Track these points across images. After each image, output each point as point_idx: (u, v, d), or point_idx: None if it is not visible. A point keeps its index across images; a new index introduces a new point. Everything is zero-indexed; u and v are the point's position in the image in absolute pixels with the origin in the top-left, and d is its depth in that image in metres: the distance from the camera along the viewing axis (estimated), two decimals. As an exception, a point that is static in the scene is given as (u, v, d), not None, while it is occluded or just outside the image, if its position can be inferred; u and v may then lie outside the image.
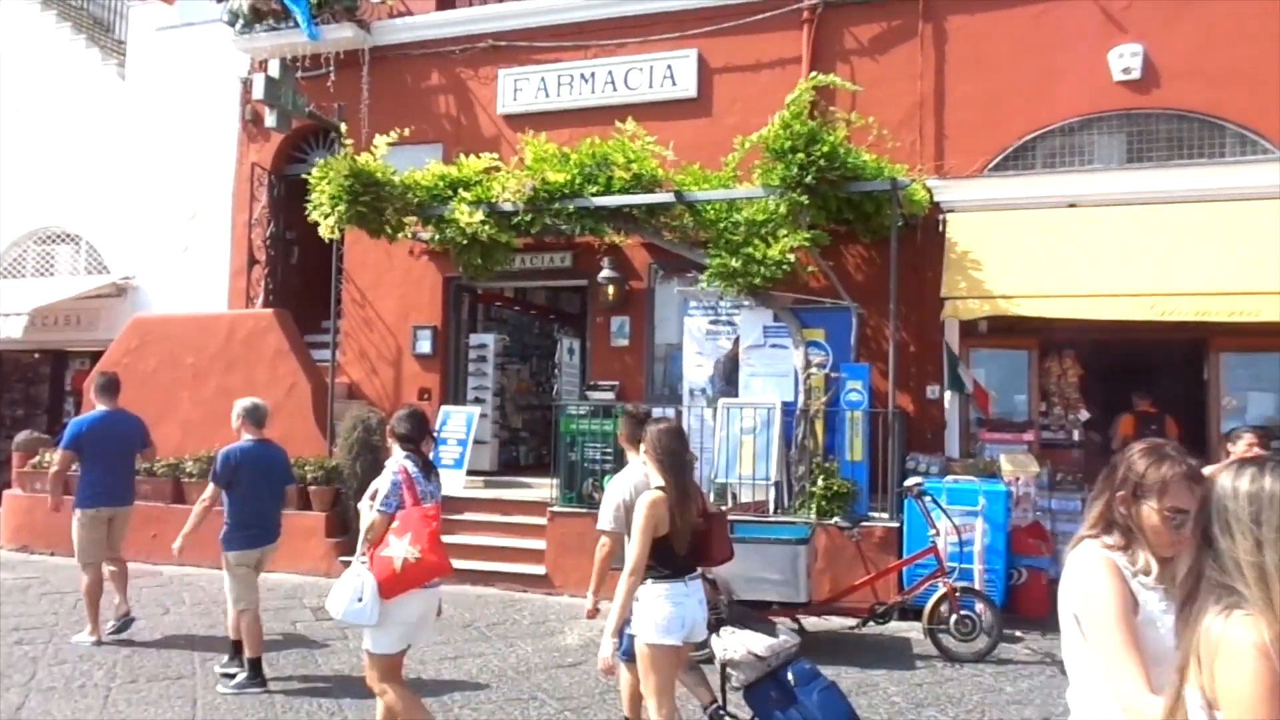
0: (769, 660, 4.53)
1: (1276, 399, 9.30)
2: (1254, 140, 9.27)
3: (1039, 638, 7.66)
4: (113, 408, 7.60)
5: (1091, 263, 8.69)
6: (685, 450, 4.43)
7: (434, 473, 4.92)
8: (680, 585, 4.26)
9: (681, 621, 4.22)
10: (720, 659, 4.72)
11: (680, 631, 4.23)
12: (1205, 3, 9.39)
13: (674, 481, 4.27)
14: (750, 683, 4.58)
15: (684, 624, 4.23)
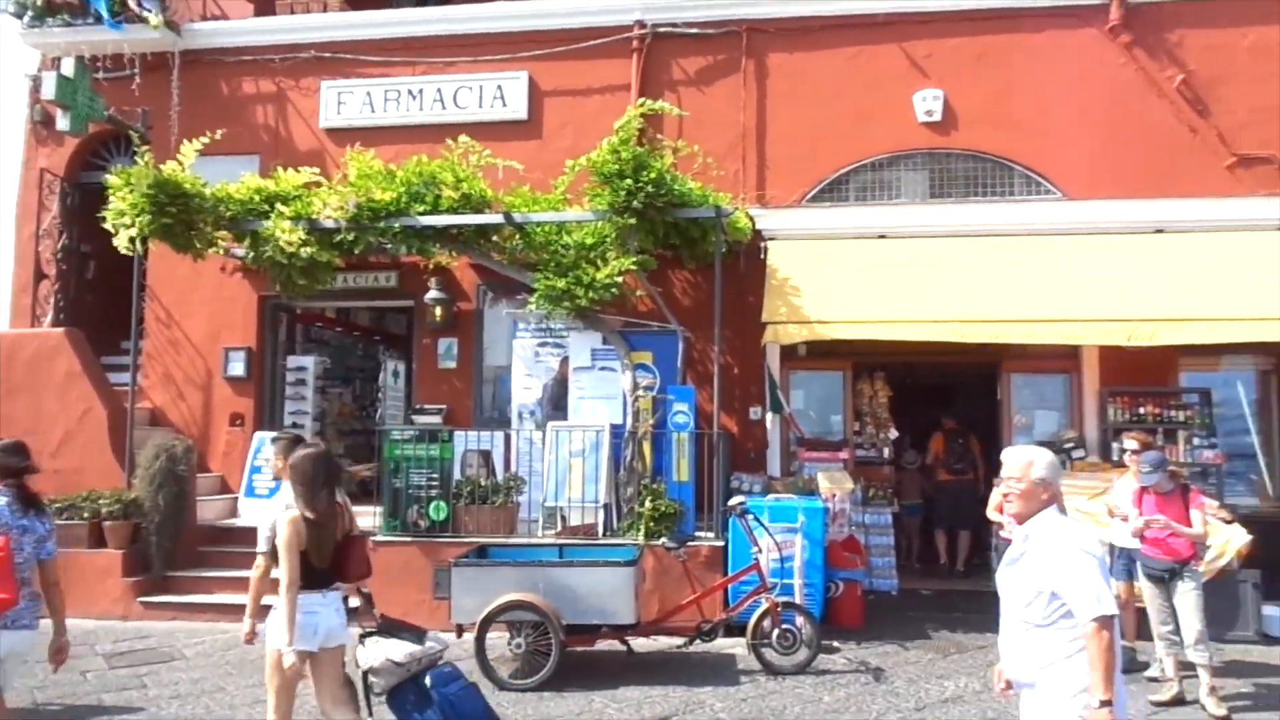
0: (408, 666, 4.93)
1: (1059, 416, 10.15)
2: (1039, 182, 10.14)
3: (854, 647, 8.01)
4: None
5: (900, 290, 9.25)
6: (326, 473, 4.82)
7: (36, 507, 4.83)
8: (316, 596, 4.70)
9: (314, 629, 4.66)
10: (361, 668, 5.00)
11: (313, 639, 4.66)
12: (997, 56, 10.22)
13: (311, 502, 4.69)
14: (391, 688, 4.94)
15: (316, 631, 4.67)
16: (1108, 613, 3.25)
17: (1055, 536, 3.41)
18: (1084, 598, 3.28)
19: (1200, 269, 9.10)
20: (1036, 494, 3.50)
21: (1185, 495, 6.74)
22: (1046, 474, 3.50)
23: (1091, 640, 3.25)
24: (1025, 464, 3.52)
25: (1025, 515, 3.52)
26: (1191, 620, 6.54)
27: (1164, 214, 9.71)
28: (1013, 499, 3.55)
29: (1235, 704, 6.58)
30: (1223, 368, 9.94)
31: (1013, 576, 3.54)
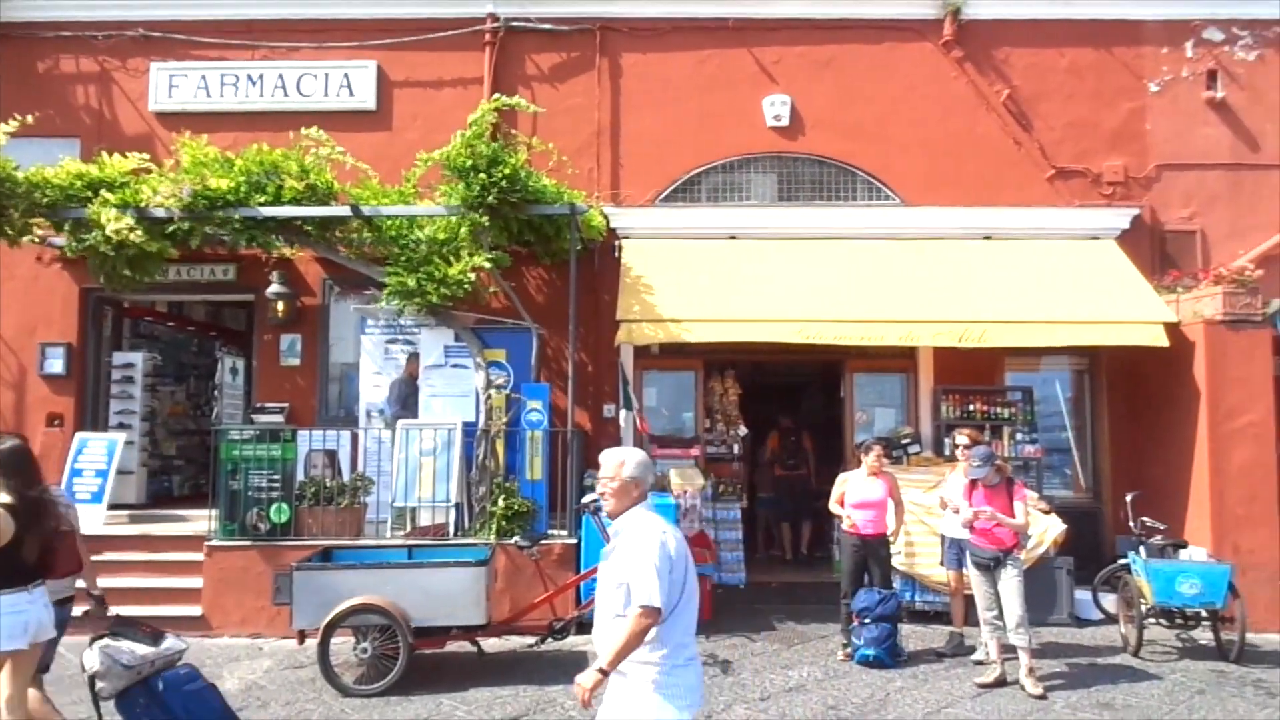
0: (138, 669, 4.93)
1: (896, 413, 10.63)
2: (880, 188, 10.58)
3: (704, 640, 8.15)
4: None
5: (749, 290, 9.47)
6: (29, 468, 4.92)
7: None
8: (24, 594, 4.74)
9: (23, 627, 4.70)
10: (87, 672, 4.97)
11: (22, 636, 4.69)
12: (842, 65, 10.61)
13: (17, 497, 4.72)
14: (119, 691, 4.93)
15: (25, 629, 4.71)
16: (653, 605, 3.46)
17: (638, 531, 3.63)
18: (640, 587, 3.49)
19: (1025, 275, 9.72)
20: (628, 491, 3.71)
21: (1010, 488, 7.18)
22: (637, 472, 3.72)
23: (632, 622, 3.47)
24: (618, 463, 3.74)
25: (618, 511, 3.74)
26: (1013, 605, 6.96)
27: (992, 221, 10.33)
28: (608, 496, 3.75)
29: (1051, 683, 7.06)
30: (1043, 368, 10.64)
31: (605, 568, 3.75)
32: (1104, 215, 10.32)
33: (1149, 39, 10.55)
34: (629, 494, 3.71)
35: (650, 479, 3.79)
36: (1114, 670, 7.49)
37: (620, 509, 3.72)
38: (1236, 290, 8.95)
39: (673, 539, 3.62)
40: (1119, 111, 10.49)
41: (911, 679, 7.23)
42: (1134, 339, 9.00)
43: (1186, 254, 10.24)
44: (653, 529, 3.62)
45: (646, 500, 3.76)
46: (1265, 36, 10.48)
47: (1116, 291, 9.45)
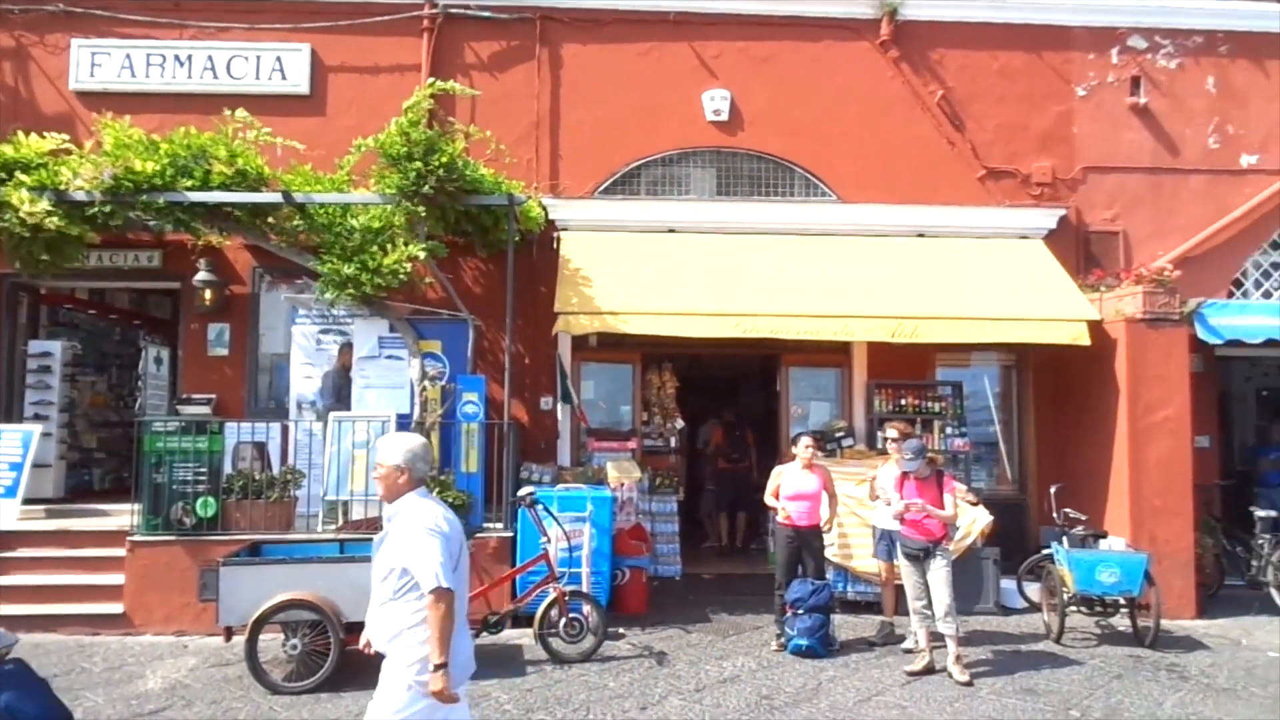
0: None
1: (831, 407, 10.77)
2: (817, 184, 10.70)
3: (640, 632, 8.18)
4: None
5: (688, 284, 9.50)
6: None
7: None
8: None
9: None
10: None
11: None
12: (781, 61, 10.69)
13: None
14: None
15: None
16: (444, 586, 3.58)
17: (409, 517, 3.74)
18: (424, 572, 3.61)
19: (956, 272, 9.93)
20: (395, 478, 3.83)
21: (940, 480, 7.32)
22: (403, 460, 3.83)
23: (431, 610, 3.61)
24: (389, 451, 3.85)
25: (390, 497, 3.86)
26: (942, 594, 7.11)
27: (926, 219, 10.53)
28: (378, 482, 3.88)
29: (977, 670, 7.23)
30: (973, 363, 10.88)
31: (379, 554, 3.84)
32: (1032, 215, 10.58)
33: (1077, 45, 10.83)
34: (396, 481, 3.81)
35: (423, 466, 3.88)
36: (1037, 657, 7.70)
37: (392, 495, 3.83)
38: (1156, 290, 9.26)
39: (445, 522, 3.74)
40: (1048, 114, 10.76)
41: (843, 668, 7.35)
42: (1059, 336, 9.24)
43: (1110, 254, 10.55)
44: (427, 514, 3.72)
45: (421, 487, 3.86)
46: (1186, 46, 10.83)
47: (1043, 290, 9.70)
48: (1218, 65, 10.84)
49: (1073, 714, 6.32)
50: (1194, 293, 9.83)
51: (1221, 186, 10.69)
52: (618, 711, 6.26)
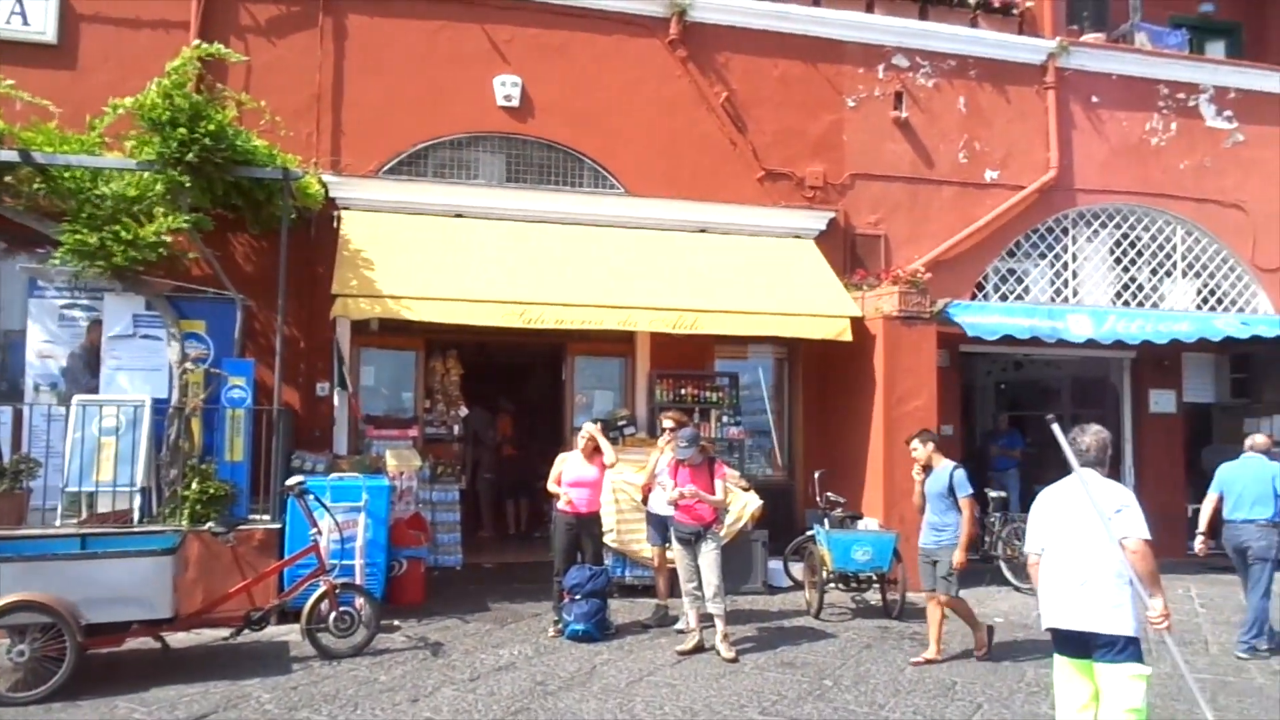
0: None
1: (615, 396, 10.98)
2: (605, 176, 10.84)
3: (415, 624, 8.03)
4: None
5: (474, 271, 9.39)
6: None
7: None
8: None
9: None
10: None
11: None
12: (573, 52, 10.73)
13: None
14: None
15: None
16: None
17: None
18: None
19: (735, 268, 10.36)
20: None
21: (712, 467, 7.63)
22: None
23: None
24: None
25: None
26: (711, 576, 7.42)
27: (708, 216, 10.90)
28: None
29: (743, 647, 7.60)
30: (750, 355, 11.40)
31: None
32: (805, 216, 11.19)
33: (849, 59, 11.55)
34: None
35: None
36: (798, 632, 8.20)
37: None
38: (910, 290, 10.06)
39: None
40: (821, 122, 11.41)
41: (618, 650, 7.52)
42: (825, 331, 9.86)
43: (873, 255, 11.34)
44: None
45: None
46: (941, 68, 11.80)
47: (813, 287, 10.31)
48: (968, 87, 11.88)
49: (826, 683, 6.76)
50: (944, 294, 10.74)
51: (968, 198, 11.73)
52: (388, 705, 6.11)
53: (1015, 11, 12.11)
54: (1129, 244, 12.41)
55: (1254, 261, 12.71)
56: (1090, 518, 4.45)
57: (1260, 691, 6.84)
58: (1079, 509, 4.52)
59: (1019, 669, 7.22)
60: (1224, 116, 12.77)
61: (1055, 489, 4.78)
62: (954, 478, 7.36)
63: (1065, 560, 4.51)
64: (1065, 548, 4.54)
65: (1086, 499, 4.48)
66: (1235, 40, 14.33)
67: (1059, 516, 4.63)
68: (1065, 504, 4.64)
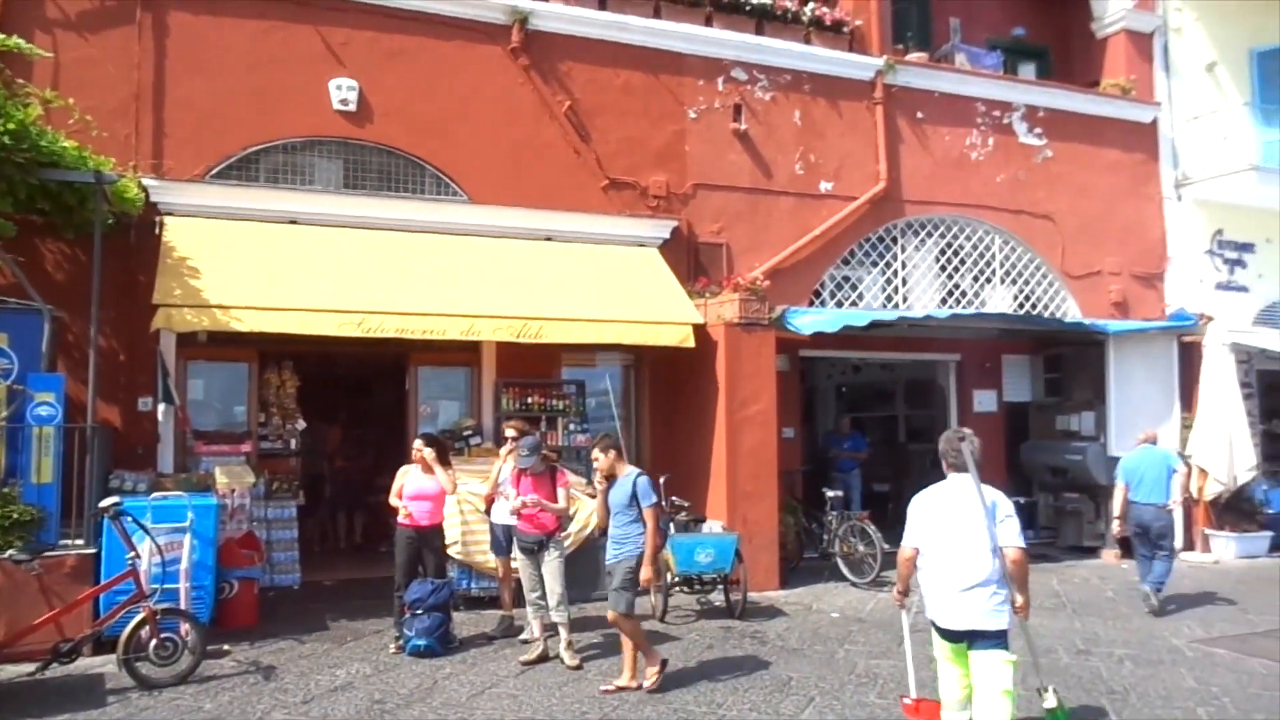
0: None
1: (461, 406, 10.83)
2: (448, 183, 10.70)
3: (247, 647, 7.68)
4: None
5: (310, 279, 9.08)
6: None
7: None
8: None
9: None
10: None
11: None
12: (413, 56, 10.54)
13: None
14: None
15: None
16: None
17: None
18: None
19: (580, 276, 10.40)
20: None
21: (554, 476, 7.63)
22: None
23: None
24: None
25: None
26: (554, 585, 7.42)
27: (553, 224, 10.91)
28: None
29: (588, 654, 7.63)
30: (598, 363, 11.46)
31: None
32: (649, 225, 11.35)
33: (690, 71, 11.79)
34: None
35: None
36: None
37: None
38: (750, 297, 10.35)
39: None
40: (664, 132, 11.61)
41: (461, 664, 7.41)
42: (669, 338, 10.03)
43: (715, 263, 11.61)
44: None
45: None
46: (778, 82, 12.21)
47: (657, 295, 10.47)
48: (803, 101, 12.34)
49: (667, 685, 6.84)
50: (783, 301, 11.13)
51: (805, 208, 12.18)
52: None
53: (845, 30, 12.66)
54: (953, 252, 13.16)
55: (1063, 269, 13.70)
56: (973, 522, 4.99)
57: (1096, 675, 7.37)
58: (962, 513, 5.04)
59: (850, 662, 7.52)
60: (1034, 133, 13.74)
61: (936, 491, 5.25)
62: (637, 486, 6.72)
63: (949, 562, 5.03)
64: (948, 550, 5.04)
65: (968, 504, 5.03)
66: (1045, 63, 15.42)
67: (942, 518, 5.11)
68: (947, 507, 5.12)
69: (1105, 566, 12.21)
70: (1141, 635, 8.45)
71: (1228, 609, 9.66)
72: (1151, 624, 8.90)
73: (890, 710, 6.28)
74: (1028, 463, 14.08)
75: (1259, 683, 6.97)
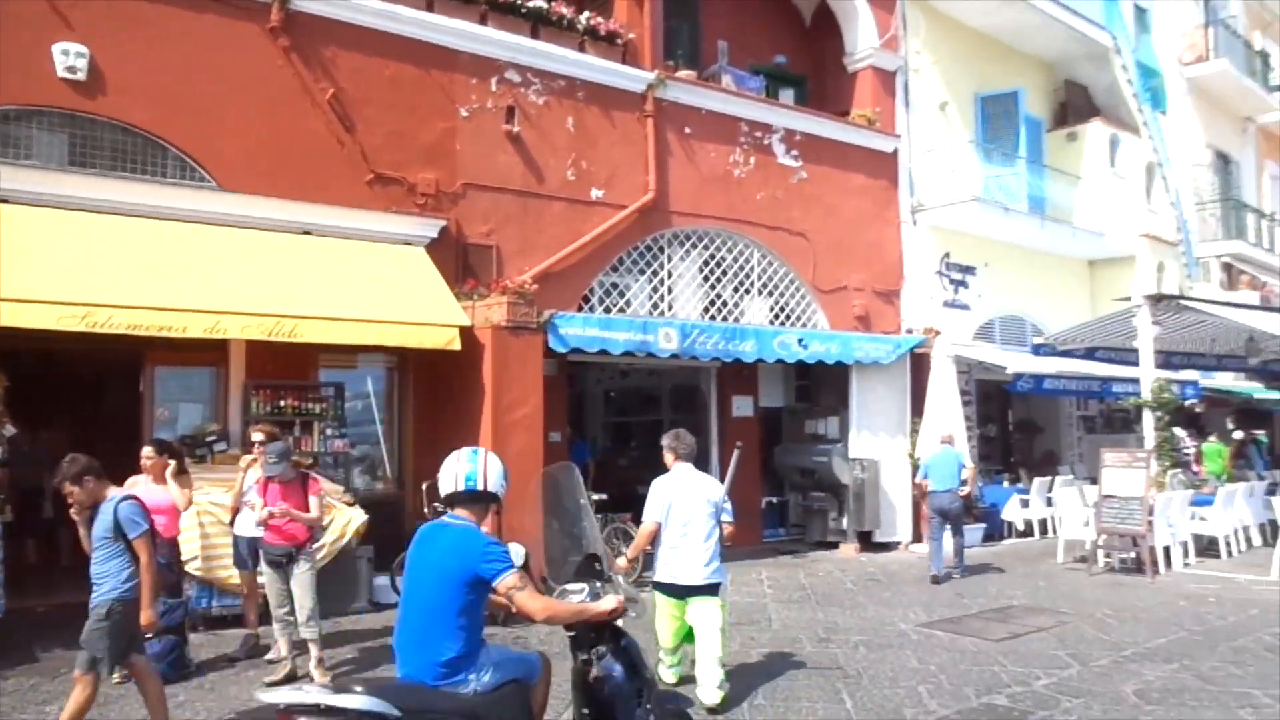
0: None
1: (204, 409, 10.02)
2: (194, 168, 9.87)
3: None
4: None
5: (23, 267, 8.04)
6: None
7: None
8: None
9: None
10: None
11: None
12: (155, 27, 9.62)
13: None
14: None
15: None
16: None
17: None
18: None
19: (341, 273, 9.90)
20: None
21: (305, 483, 7.21)
22: None
23: None
24: None
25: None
26: (304, 599, 7.01)
27: (313, 217, 10.29)
28: None
29: (342, 669, 7.28)
30: (359, 365, 10.98)
31: None
32: (417, 223, 10.99)
33: (462, 68, 11.55)
34: None
35: None
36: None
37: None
38: (518, 301, 10.28)
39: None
40: (434, 129, 11.30)
41: (198, 690, 6.85)
42: (434, 341, 9.75)
43: (484, 266, 11.43)
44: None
45: None
46: (551, 86, 12.22)
47: (422, 295, 10.15)
48: (576, 108, 12.42)
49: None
50: (553, 305, 11.13)
51: (576, 214, 12.26)
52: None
53: (619, 41, 12.87)
54: (715, 264, 13.71)
55: (814, 283, 14.62)
56: (697, 502, 6.58)
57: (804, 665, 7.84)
58: (690, 495, 6.60)
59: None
60: (791, 155, 14.58)
61: (669, 479, 6.75)
62: (119, 514, 5.48)
63: (680, 533, 6.53)
64: (680, 524, 6.54)
65: (693, 486, 6.67)
66: (802, 90, 16.43)
67: (675, 499, 6.59)
68: (679, 491, 6.64)
69: (846, 560, 13.16)
70: (874, 622, 9.15)
71: (947, 594, 10.66)
72: (882, 611, 9.66)
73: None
74: (780, 465, 14.91)
75: (970, 660, 7.72)
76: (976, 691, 6.83)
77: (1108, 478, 12.24)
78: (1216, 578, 11.56)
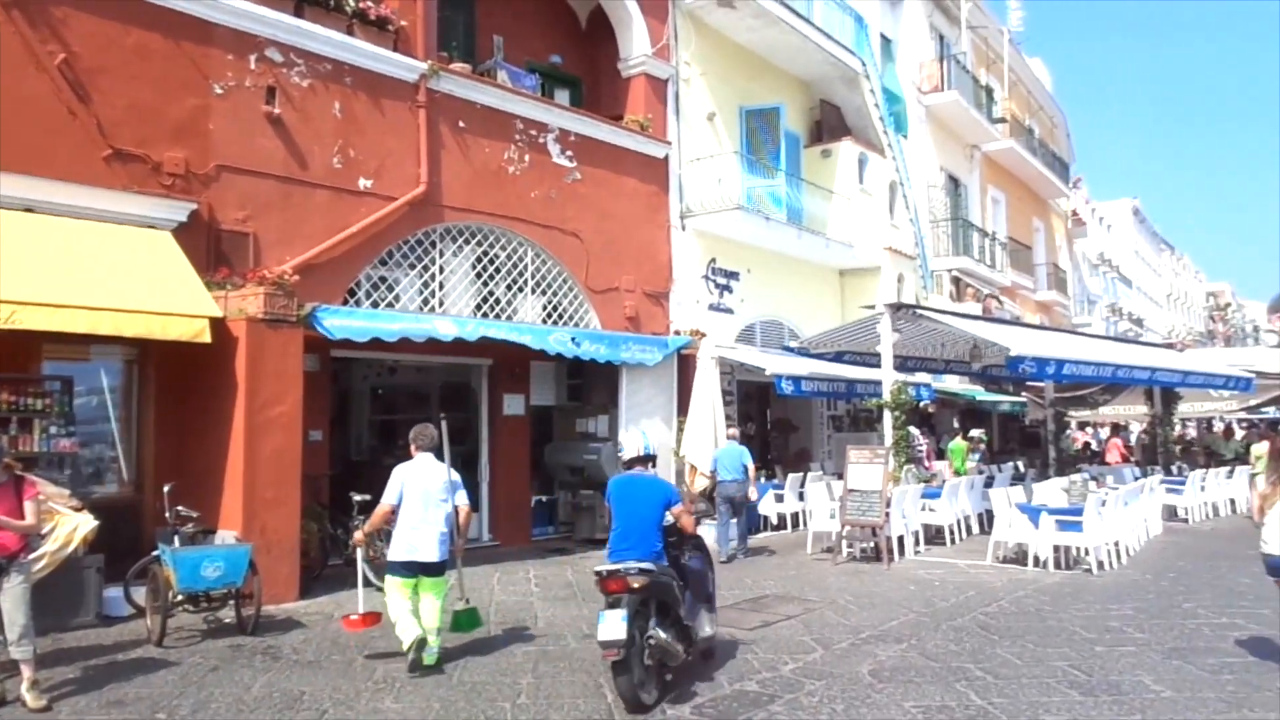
0: None
1: None
2: (-113, 129, 8.66)
3: None
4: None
5: None
6: None
7: None
8: None
9: None
10: None
11: None
12: None
13: None
14: None
15: None
16: None
17: None
18: None
19: (72, 256, 8.99)
20: None
21: (19, 487, 6.51)
22: None
23: None
24: None
25: None
26: (16, 616, 6.31)
27: (37, 193, 9.28)
28: None
29: (61, 691, 6.63)
30: (94, 357, 10.02)
31: None
32: (162, 205, 10.15)
33: (218, 43, 10.80)
34: None
35: None
36: (134, 665, 7.39)
37: None
38: (276, 292, 9.76)
39: None
40: (184, 105, 10.49)
41: (-121, 724, 6.02)
42: (180, 332, 9.06)
43: (240, 254, 10.74)
44: None
45: None
46: (317, 70, 11.67)
47: (168, 283, 9.40)
48: (344, 94, 11.94)
49: (159, 717, 6.18)
50: (315, 298, 10.65)
51: (343, 204, 11.78)
52: None
53: (390, 28, 12.48)
54: (489, 261, 13.61)
55: (587, 283, 14.85)
56: (433, 488, 7.44)
57: (573, 658, 7.95)
58: (426, 481, 7.45)
59: (370, 667, 7.40)
60: (566, 155, 14.72)
61: (408, 465, 7.54)
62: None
63: (415, 517, 7.32)
64: (416, 508, 7.33)
65: (431, 474, 7.52)
66: (577, 92, 16.65)
67: (412, 485, 7.38)
68: (417, 476, 7.45)
69: (613, 556, 13.42)
70: (638, 617, 9.40)
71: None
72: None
73: (404, 714, 6.29)
74: (551, 463, 15.03)
75: (725, 649, 8.10)
76: (729, 679, 7.17)
77: (852, 473, 13.23)
78: (942, 563, 12.77)
